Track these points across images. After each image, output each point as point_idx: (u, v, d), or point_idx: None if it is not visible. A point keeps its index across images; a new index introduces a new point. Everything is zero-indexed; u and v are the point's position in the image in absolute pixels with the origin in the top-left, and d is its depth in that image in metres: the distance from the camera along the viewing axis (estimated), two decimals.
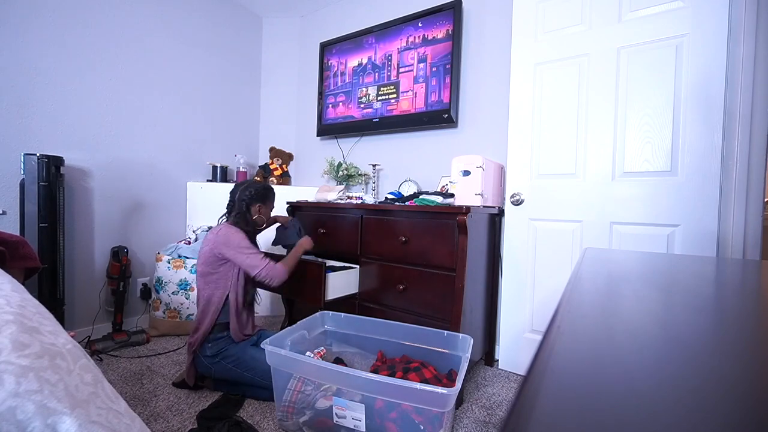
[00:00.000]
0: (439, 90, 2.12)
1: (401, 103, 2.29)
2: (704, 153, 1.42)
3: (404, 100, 2.29)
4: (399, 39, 2.32)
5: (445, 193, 1.82)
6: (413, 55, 2.23)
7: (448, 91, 2.08)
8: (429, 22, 2.17)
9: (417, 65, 2.22)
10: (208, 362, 1.51)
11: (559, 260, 1.72)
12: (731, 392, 0.21)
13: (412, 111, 2.24)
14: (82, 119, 2.03)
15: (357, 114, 2.50)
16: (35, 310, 0.62)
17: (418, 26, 2.22)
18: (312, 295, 1.72)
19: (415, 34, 2.23)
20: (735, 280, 0.63)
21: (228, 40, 2.76)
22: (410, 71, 2.25)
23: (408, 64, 2.26)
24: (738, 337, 0.32)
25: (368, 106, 2.45)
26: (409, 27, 2.27)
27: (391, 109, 2.34)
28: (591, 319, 0.36)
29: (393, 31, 2.34)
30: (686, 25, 1.43)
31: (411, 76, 2.26)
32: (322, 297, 1.69)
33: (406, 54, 2.27)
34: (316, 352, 1.56)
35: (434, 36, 2.15)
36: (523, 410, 0.19)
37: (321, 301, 1.70)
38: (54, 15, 1.90)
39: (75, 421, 0.44)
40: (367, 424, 1.18)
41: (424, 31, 2.19)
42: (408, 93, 2.27)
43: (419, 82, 2.22)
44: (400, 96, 2.30)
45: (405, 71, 2.29)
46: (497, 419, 1.42)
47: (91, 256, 2.09)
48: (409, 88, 2.27)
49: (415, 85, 2.23)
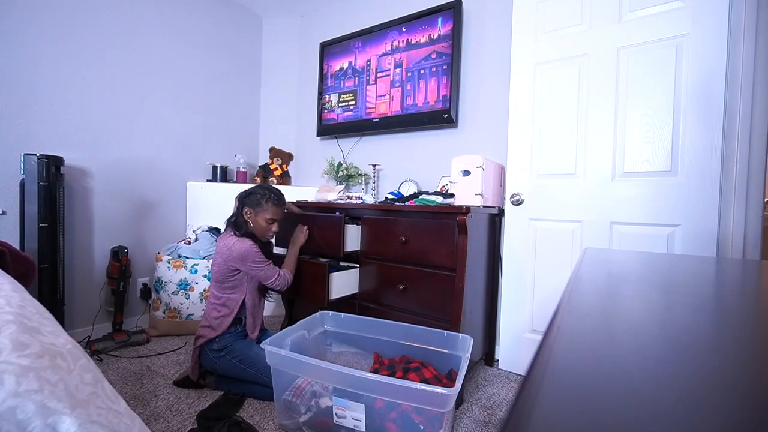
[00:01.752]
0: (438, 90, 2.13)
1: (379, 107, 2.41)
2: (704, 153, 1.42)
3: (381, 104, 2.39)
4: (384, 44, 2.38)
5: (445, 193, 1.82)
6: (399, 58, 2.24)
7: (447, 90, 2.08)
8: (422, 24, 2.18)
9: (394, 70, 2.22)
10: (214, 356, 1.53)
11: (559, 260, 1.72)
12: (731, 392, 0.21)
13: (390, 114, 2.34)
14: (82, 119, 2.03)
15: (339, 117, 2.61)
16: (35, 310, 0.62)
17: (416, 27, 2.23)
18: (316, 295, 1.72)
19: (409, 36, 2.24)
20: (735, 280, 0.63)
21: (228, 40, 2.76)
22: (415, 71, 2.26)
23: (414, 66, 2.27)
24: (738, 337, 0.32)
25: (331, 111, 2.65)
26: (394, 31, 2.33)
27: (369, 112, 2.45)
28: (591, 319, 0.36)
29: (379, 35, 2.40)
30: (686, 25, 1.43)
31: (389, 81, 2.33)
32: (326, 296, 1.69)
33: (405, 54, 2.28)
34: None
35: (435, 36, 2.15)
36: (523, 410, 0.19)
37: (325, 300, 1.70)
38: (54, 15, 1.90)
39: (75, 421, 0.44)
40: (367, 424, 1.18)
41: (423, 32, 2.20)
42: (385, 97, 2.38)
43: (395, 86, 2.30)
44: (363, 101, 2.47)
45: (383, 76, 2.39)
46: (497, 419, 1.42)
47: (91, 256, 2.09)
48: (386, 92, 2.37)
49: (394, 89, 2.29)
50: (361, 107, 2.48)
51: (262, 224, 1.60)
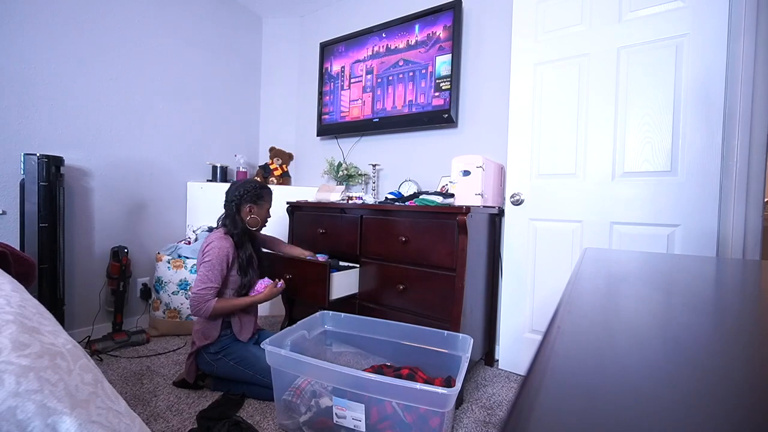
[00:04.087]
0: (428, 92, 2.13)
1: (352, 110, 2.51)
2: (704, 153, 1.42)
3: (354, 108, 2.50)
4: (384, 43, 2.39)
5: (445, 193, 1.82)
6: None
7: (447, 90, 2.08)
8: (422, 24, 2.18)
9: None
10: (211, 359, 1.52)
11: (559, 260, 1.72)
12: (731, 392, 0.21)
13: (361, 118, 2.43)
14: (82, 119, 2.03)
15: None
16: (35, 310, 0.62)
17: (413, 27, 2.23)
18: (317, 295, 1.72)
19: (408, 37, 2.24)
20: (735, 280, 0.63)
21: (228, 40, 2.76)
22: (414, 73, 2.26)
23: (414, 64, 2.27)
24: (738, 338, 0.32)
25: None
26: (394, 31, 2.35)
27: (344, 116, 2.56)
28: (591, 319, 0.36)
29: (379, 35, 2.42)
30: (686, 25, 1.43)
31: (359, 87, 2.30)
32: (327, 296, 1.69)
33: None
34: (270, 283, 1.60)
35: (435, 35, 2.15)
36: (523, 410, 0.19)
37: (326, 300, 1.69)
38: (54, 15, 1.90)
39: (75, 421, 0.44)
40: (367, 424, 1.18)
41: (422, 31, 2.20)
42: (357, 102, 2.47)
43: (397, 86, 2.26)
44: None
45: (355, 82, 2.48)
46: (497, 419, 1.42)
47: (91, 256, 2.09)
48: (358, 97, 2.44)
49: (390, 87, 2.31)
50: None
51: (264, 214, 1.68)
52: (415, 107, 2.23)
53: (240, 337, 1.56)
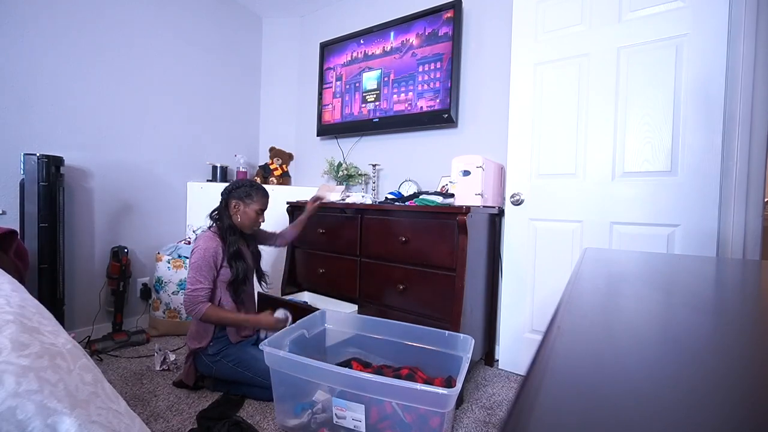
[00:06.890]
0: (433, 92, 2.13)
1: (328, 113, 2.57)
2: (704, 153, 1.42)
3: (326, 113, 2.60)
4: (384, 43, 2.38)
5: (445, 193, 1.82)
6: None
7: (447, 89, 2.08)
8: (421, 24, 2.18)
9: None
10: (209, 361, 1.51)
11: (559, 260, 1.72)
12: (731, 392, 0.21)
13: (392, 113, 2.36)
14: (82, 119, 2.03)
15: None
16: (35, 310, 0.62)
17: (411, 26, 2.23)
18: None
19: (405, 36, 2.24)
20: (735, 280, 0.63)
21: (228, 40, 2.76)
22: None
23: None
24: (738, 337, 0.32)
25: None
26: (393, 30, 2.34)
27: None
28: (591, 319, 0.36)
29: (378, 35, 2.41)
30: (686, 25, 1.43)
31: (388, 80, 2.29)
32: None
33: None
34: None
35: (434, 34, 2.15)
36: (523, 410, 0.19)
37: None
38: (54, 15, 1.90)
39: (75, 421, 0.44)
40: (367, 424, 1.18)
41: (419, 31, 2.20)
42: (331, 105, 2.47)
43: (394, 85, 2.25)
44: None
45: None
46: (497, 419, 1.42)
47: (91, 256, 2.09)
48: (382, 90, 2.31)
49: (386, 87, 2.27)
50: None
51: (252, 215, 1.61)
52: (419, 104, 2.22)
53: (232, 339, 1.54)
